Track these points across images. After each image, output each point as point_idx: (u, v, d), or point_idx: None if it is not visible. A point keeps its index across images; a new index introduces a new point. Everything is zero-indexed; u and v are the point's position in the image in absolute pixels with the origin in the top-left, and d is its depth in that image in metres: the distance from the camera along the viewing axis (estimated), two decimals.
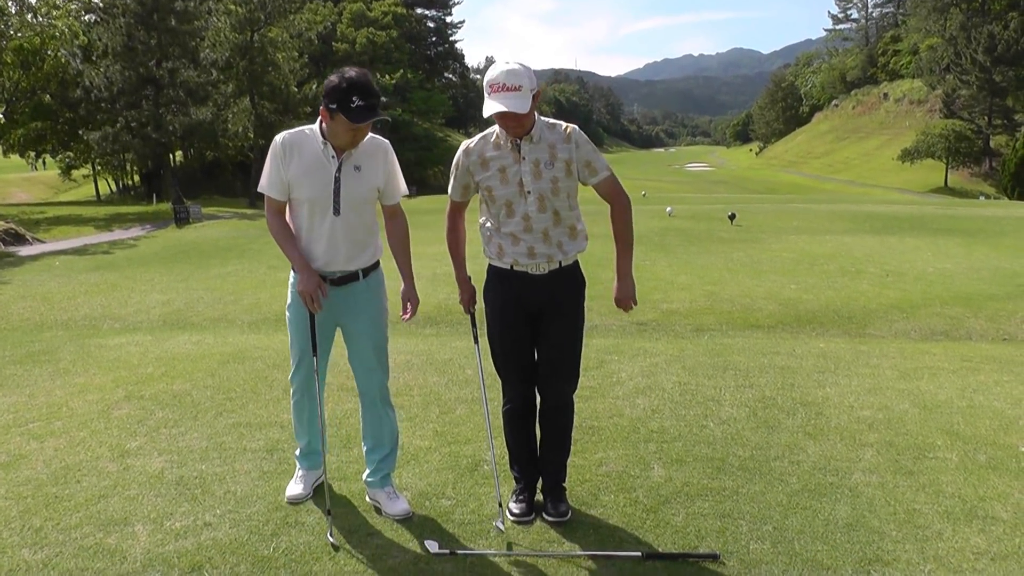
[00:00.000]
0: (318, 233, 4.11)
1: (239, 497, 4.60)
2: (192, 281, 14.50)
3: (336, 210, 4.06)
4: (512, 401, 4.35)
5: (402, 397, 6.40)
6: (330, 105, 3.90)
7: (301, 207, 4.11)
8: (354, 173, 4.07)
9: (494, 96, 3.79)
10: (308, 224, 4.13)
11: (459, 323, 10.04)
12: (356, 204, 4.10)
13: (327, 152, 4.04)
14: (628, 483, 4.71)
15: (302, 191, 4.06)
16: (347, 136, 3.97)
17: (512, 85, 3.78)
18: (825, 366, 7.35)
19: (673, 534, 4.13)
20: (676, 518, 4.29)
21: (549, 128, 4.01)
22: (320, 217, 4.08)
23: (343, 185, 4.05)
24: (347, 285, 4.22)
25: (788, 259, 15.59)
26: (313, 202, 4.06)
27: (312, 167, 4.04)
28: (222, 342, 8.81)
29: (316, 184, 4.04)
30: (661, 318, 10.25)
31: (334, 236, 4.10)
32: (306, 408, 4.54)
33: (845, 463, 5.01)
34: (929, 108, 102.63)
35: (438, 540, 4.07)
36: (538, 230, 4.03)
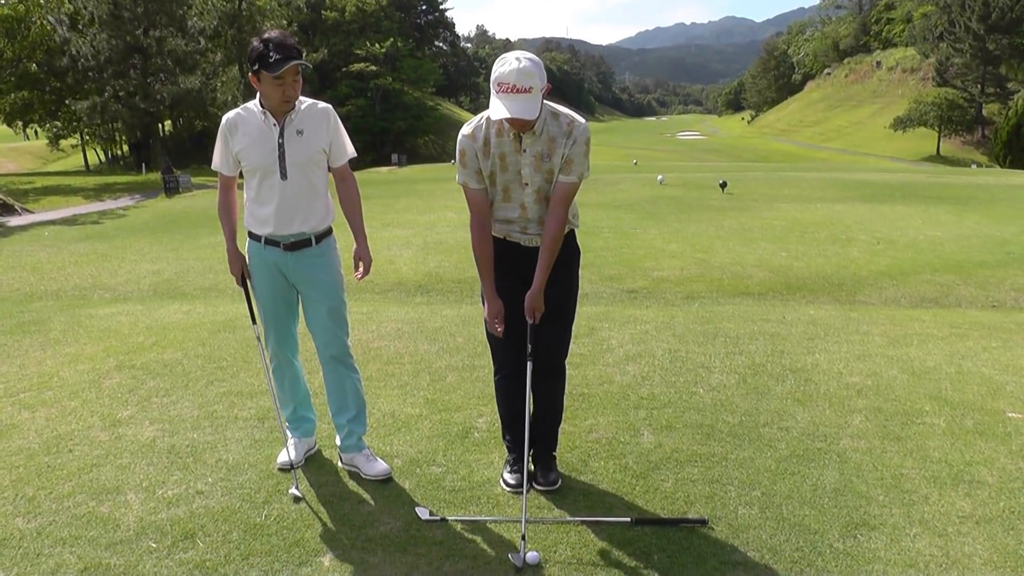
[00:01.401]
0: (267, 197, 4.20)
1: (231, 465, 4.62)
2: (182, 251, 14.45)
3: (283, 174, 4.14)
4: (504, 368, 4.35)
5: (393, 365, 6.41)
6: (253, 68, 4.01)
7: (252, 176, 4.22)
8: (297, 137, 4.15)
9: (503, 97, 3.62)
10: (258, 190, 4.22)
11: (449, 291, 10.05)
12: (302, 167, 4.17)
13: (268, 121, 4.14)
14: (618, 449, 4.74)
15: (249, 160, 4.17)
16: (276, 93, 4.03)
17: (523, 87, 3.60)
18: (815, 333, 7.38)
19: (662, 500, 4.16)
20: (665, 484, 4.32)
21: (553, 119, 3.85)
22: (269, 182, 4.17)
23: (287, 150, 4.13)
24: (300, 250, 4.27)
25: (779, 227, 15.59)
26: (261, 169, 4.16)
27: (256, 138, 4.15)
28: (213, 311, 8.79)
29: (261, 152, 4.14)
30: (651, 286, 10.26)
31: (284, 199, 4.18)
32: (285, 374, 4.60)
33: (833, 429, 5.04)
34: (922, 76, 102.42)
35: (428, 507, 4.10)
36: (533, 218, 3.99)
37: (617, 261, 11.83)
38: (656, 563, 3.61)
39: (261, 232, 4.25)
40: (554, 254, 3.94)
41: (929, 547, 3.71)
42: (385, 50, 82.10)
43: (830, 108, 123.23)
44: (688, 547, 3.72)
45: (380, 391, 5.77)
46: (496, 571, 3.57)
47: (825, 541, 3.77)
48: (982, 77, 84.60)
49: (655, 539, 3.79)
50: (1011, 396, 5.64)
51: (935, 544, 3.74)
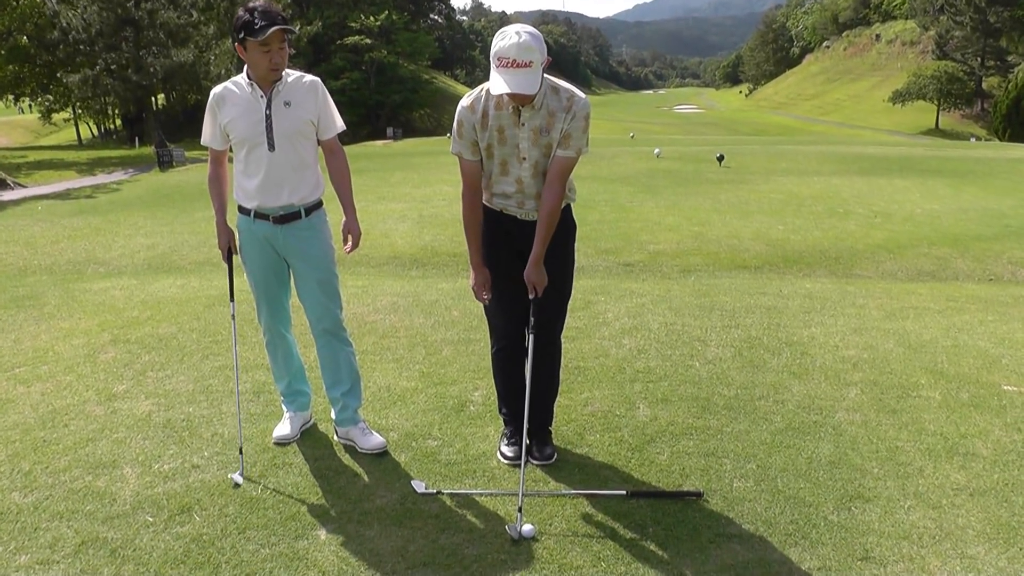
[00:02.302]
0: (254, 169, 4.18)
1: (226, 439, 4.63)
2: (176, 225, 14.41)
3: (271, 145, 4.13)
4: (503, 340, 4.35)
5: (388, 339, 6.41)
6: (239, 37, 4.00)
7: (240, 148, 4.20)
8: (284, 109, 4.13)
9: (502, 72, 3.59)
10: (246, 162, 4.21)
11: (445, 265, 10.05)
12: (290, 138, 4.15)
13: (255, 93, 4.12)
14: (614, 422, 4.76)
15: (237, 132, 4.15)
16: (263, 61, 4.02)
17: (523, 61, 3.56)
18: (811, 306, 7.39)
19: (658, 473, 4.18)
20: (661, 457, 4.34)
21: (552, 93, 3.81)
22: (256, 154, 4.16)
23: (274, 121, 4.12)
24: (290, 223, 4.25)
25: (776, 200, 15.58)
26: (248, 141, 4.15)
27: (243, 110, 4.13)
28: (207, 285, 8.78)
29: (248, 123, 4.13)
30: (648, 259, 10.26)
31: (271, 171, 4.16)
32: (279, 348, 4.60)
33: (829, 402, 5.06)
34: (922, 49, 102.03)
35: (424, 480, 4.11)
36: (530, 193, 3.98)
37: (613, 234, 11.82)
38: (651, 535, 3.64)
39: (250, 205, 4.24)
40: (551, 228, 3.93)
41: (923, 519, 3.74)
42: (380, 23, 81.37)
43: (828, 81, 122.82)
44: (683, 520, 3.75)
45: (375, 365, 5.78)
46: (492, 544, 3.59)
47: (820, 514, 3.79)
48: (982, 50, 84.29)
49: (650, 512, 3.81)
50: (1007, 369, 5.67)
51: (929, 516, 3.77)
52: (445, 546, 3.58)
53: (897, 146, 39.17)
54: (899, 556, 3.48)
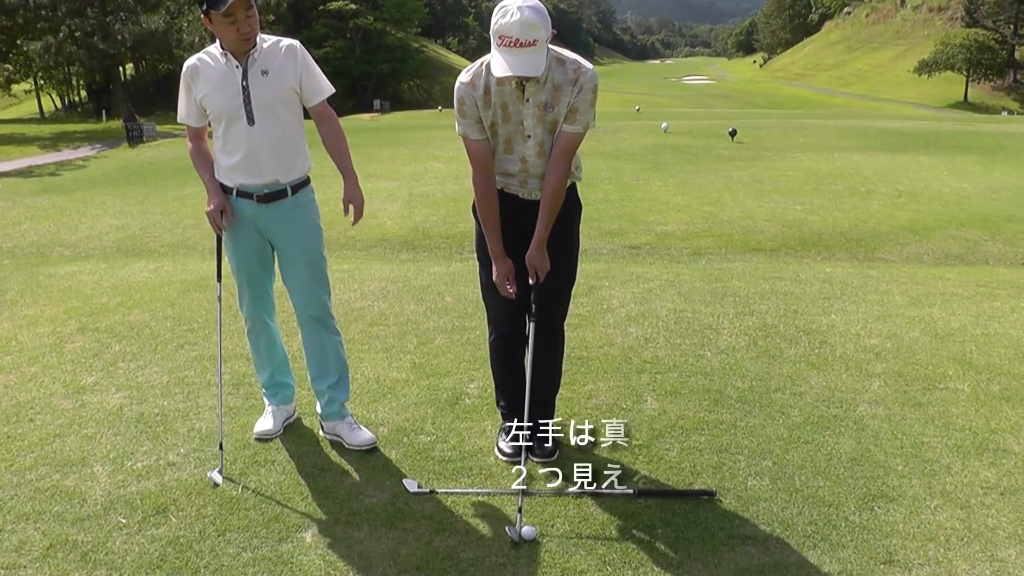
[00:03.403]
0: (234, 145, 4.15)
1: (204, 435, 4.63)
2: (148, 204, 14.38)
3: (250, 119, 4.09)
4: (501, 328, 4.34)
5: (377, 327, 6.41)
6: (203, 9, 3.97)
7: (219, 124, 4.17)
8: (261, 78, 4.09)
9: (504, 51, 3.54)
10: (225, 138, 4.18)
11: (437, 247, 10.03)
12: (270, 109, 4.11)
13: (230, 64, 4.08)
14: (619, 416, 4.76)
15: (213, 106, 4.12)
16: (230, 33, 3.97)
17: (527, 40, 3.51)
18: (831, 292, 7.40)
19: (667, 470, 4.19)
20: (670, 453, 4.34)
21: (558, 65, 3.77)
22: (235, 129, 4.13)
23: (252, 92, 4.08)
24: (275, 203, 4.23)
25: (793, 178, 15.57)
26: (226, 115, 4.11)
27: (218, 82, 4.09)
28: (182, 269, 8.77)
29: (224, 97, 4.09)
30: (655, 241, 10.27)
31: (252, 146, 4.13)
32: (261, 337, 4.58)
33: (850, 395, 5.07)
34: (950, 16, 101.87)
35: (417, 479, 4.12)
36: (534, 173, 3.96)
37: (618, 215, 11.82)
38: (660, 537, 3.65)
39: (232, 184, 4.21)
40: (556, 209, 3.92)
41: (951, 520, 3.75)
42: None
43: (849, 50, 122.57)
44: (694, 520, 3.76)
45: (363, 355, 5.78)
46: (490, 546, 3.60)
47: (840, 514, 3.80)
48: (1015, 16, 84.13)
49: (659, 512, 3.82)
50: None
51: (957, 517, 3.78)
52: (439, 549, 3.58)
53: (923, 120, 39.15)
54: (925, 559, 3.49)
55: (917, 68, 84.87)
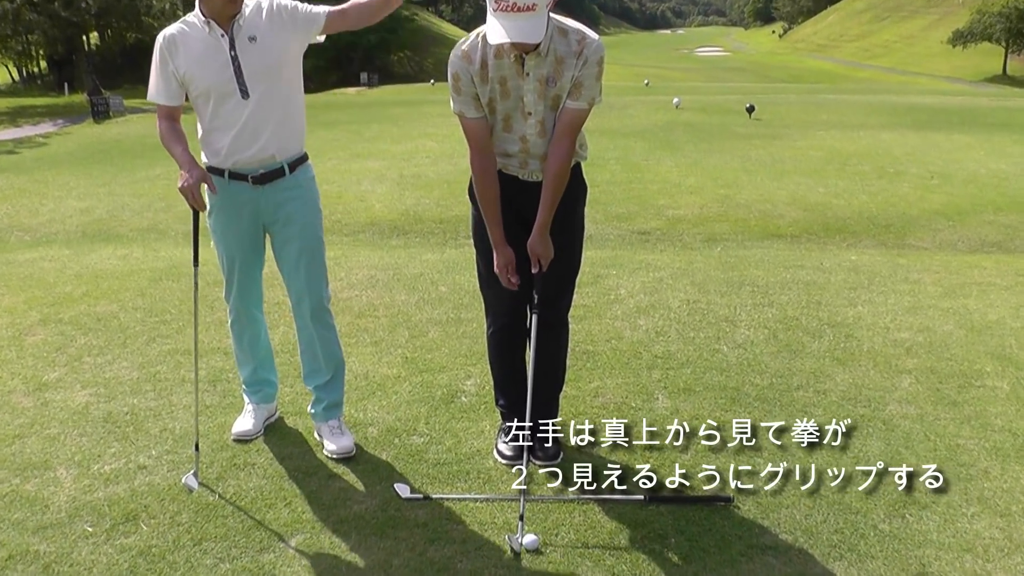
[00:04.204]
0: (227, 122, 4.05)
1: (178, 435, 4.63)
2: (115, 185, 14.36)
3: (243, 92, 3.99)
4: (500, 320, 4.33)
5: (365, 319, 6.41)
6: None
7: (206, 102, 4.05)
8: (250, 46, 3.97)
9: (500, 16, 3.50)
10: (213, 117, 4.07)
11: (430, 233, 10.02)
12: (265, 79, 4.01)
13: (214, 32, 3.96)
14: (629, 416, 4.76)
15: (200, 82, 4.00)
16: None
17: (525, 4, 3.47)
18: (857, 281, 7.40)
19: (681, 475, 4.17)
20: (684, 456, 4.33)
21: (561, 36, 3.73)
22: (228, 105, 4.02)
23: (243, 61, 3.97)
24: (272, 183, 4.16)
25: (815, 158, 15.57)
26: (215, 91, 4.00)
27: (203, 55, 3.97)
28: (153, 256, 8.77)
29: (211, 70, 3.97)
30: (666, 226, 10.26)
31: (248, 122, 4.03)
32: (246, 329, 4.56)
33: (878, 393, 5.08)
34: None
35: (409, 483, 4.11)
36: (535, 153, 3.94)
37: (626, 198, 11.81)
38: (673, 547, 3.65)
39: (223, 165, 4.12)
40: (559, 191, 3.90)
41: (989, 528, 3.75)
42: None
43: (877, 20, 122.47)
44: (710, 528, 3.76)
45: (351, 349, 5.77)
46: (489, 557, 3.60)
47: (868, 522, 3.80)
48: None
49: (672, 520, 3.82)
50: None
51: (996, 525, 3.78)
52: (434, 560, 3.58)
53: (958, 95, 39.13)
54: (961, 571, 3.49)
55: (951, 39, 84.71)
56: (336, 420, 4.53)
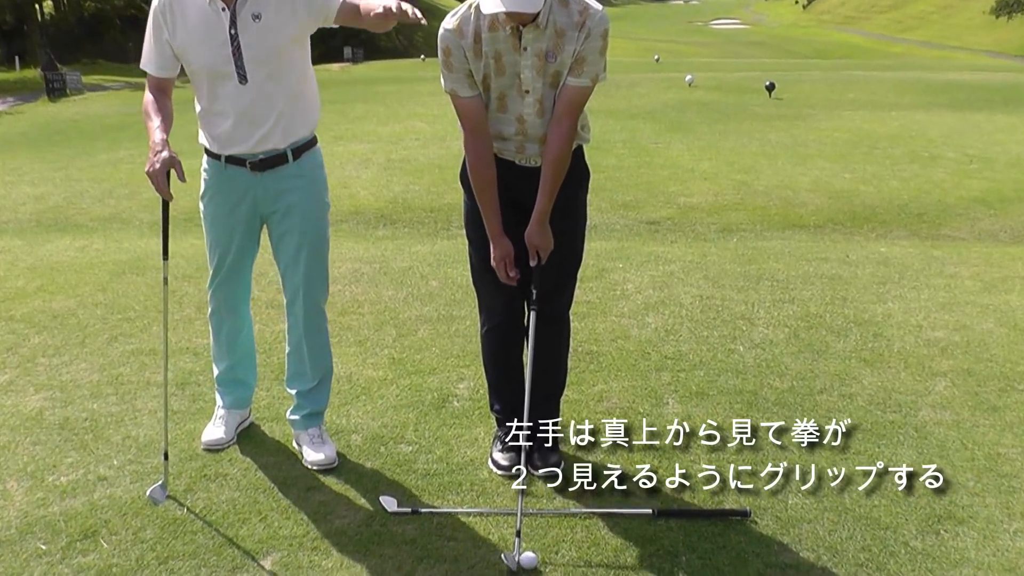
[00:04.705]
0: (224, 107, 4.03)
1: (142, 443, 4.62)
2: (73, 170, 14.33)
3: (242, 76, 3.94)
4: (496, 318, 4.33)
5: (349, 316, 6.41)
6: None
7: (200, 82, 4.04)
8: (253, 24, 3.90)
9: None
10: (210, 98, 4.05)
11: (420, 222, 10.02)
12: (268, 63, 3.96)
13: (215, 5, 3.89)
14: (636, 422, 4.75)
15: (194, 59, 3.97)
16: None
17: None
18: (887, 276, 7.41)
19: (692, 486, 4.17)
20: (696, 465, 4.34)
21: (561, 6, 3.72)
22: (224, 89, 3.99)
23: (243, 42, 3.90)
24: (273, 170, 4.14)
25: (842, 141, 15.56)
26: (210, 71, 3.97)
27: (200, 28, 3.91)
28: (115, 248, 8.76)
29: (208, 48, 3.93)
30: (678, 215, 10.27)
31: (248, 110, 4.00)
32: (224, 324, 4.54)
33: (910, 397, 5.08)
34: None
35: (396, 496, 4.11)
36: (533, 135, 3.94)
37: (634, 184, 11.81)
38: (684, 565, 3.66)
39: (222, 152, 4.11)
40: (559, 177, 3.91)
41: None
42: None
43: None
44: (724, 545, 3.77)
45: (334, 349, 5.73)
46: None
47: (899, 538, 3.81)
48: None
49: (683, 536, 3.83)
50: None
51: None
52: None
53: (1000, 71, 39.12)
54: None
55: (994, 9, 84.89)
56: (317, 428, 4.53)
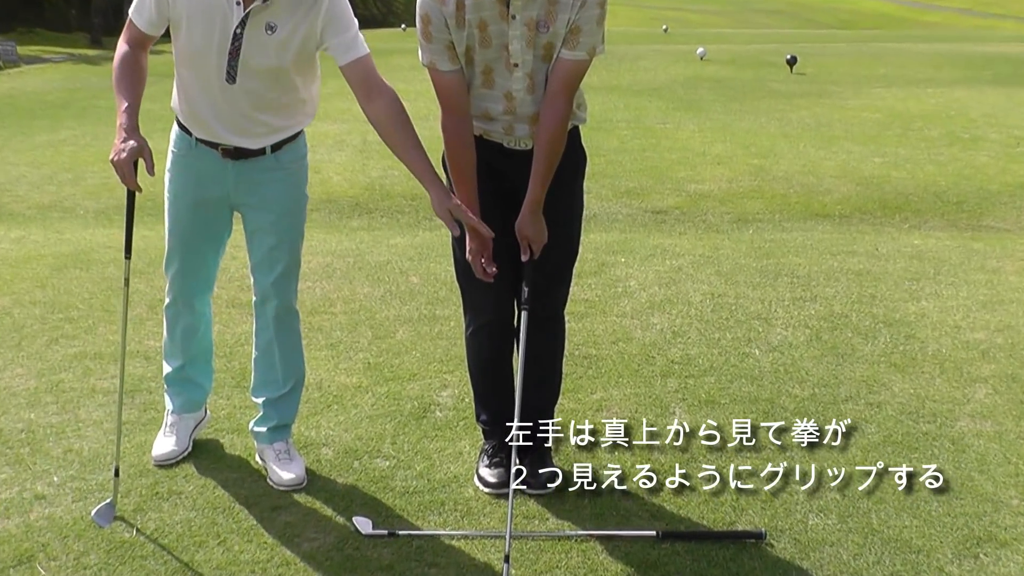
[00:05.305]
0: (203, 98, 4.02)
1: (86, 458, 4.60)
2: (8, 152, 14.29)
3: (230, 76, 3.93)
4: (483, 318, 4.33)
5: (320, 316, 6.41)
6: None
7: (184, 63, 4.02)
8: (264, 34, 3.87)
9: None
10: (191, 82, 4.04)
11: (399, 211, 10.04)
12: (262, 74, 3.96)
13: None
14: (639, 433, 4.76)
15: (188, 38, 3.93)
16: None
17: None
18: (921, 271, 7.43)
19: (700, 505, 4.20)
20: (705, 483, 4.34)
21: None
22: (206, 80, 3.98)
23: (245, 46, 3.87)
24: (247, 160, 4.13)
25: (871, 121, 15.59)
26: (200, 58, 3.94)
27: (206, 8, 3.85)
28: (56, 239, 8.74)
29: (206, 33, 3.88)
30: (687, 204, 10.28)
31: (226, 107, 4.00)
32: (181, 319, 4.53)
33: (947, 405, 5.09)
34: None
35: (371, 517, 4.11)
36: (523, 115, 3.94)
37: (638, 169, 11.83)
38: None
39: (193, 132, 4.10)
40: (553, 162, 3.91)
41: None
42: None
43: None
44: (737, 571, 3.77)
45: (304, 352, 5.76)
46: None
47: (933, 563, 3.81)
48: None
49: (690, 561, 3.83)
50: None
51: None
52: None
53: None
54: None
55: None
56: (284, 442, 4.50)
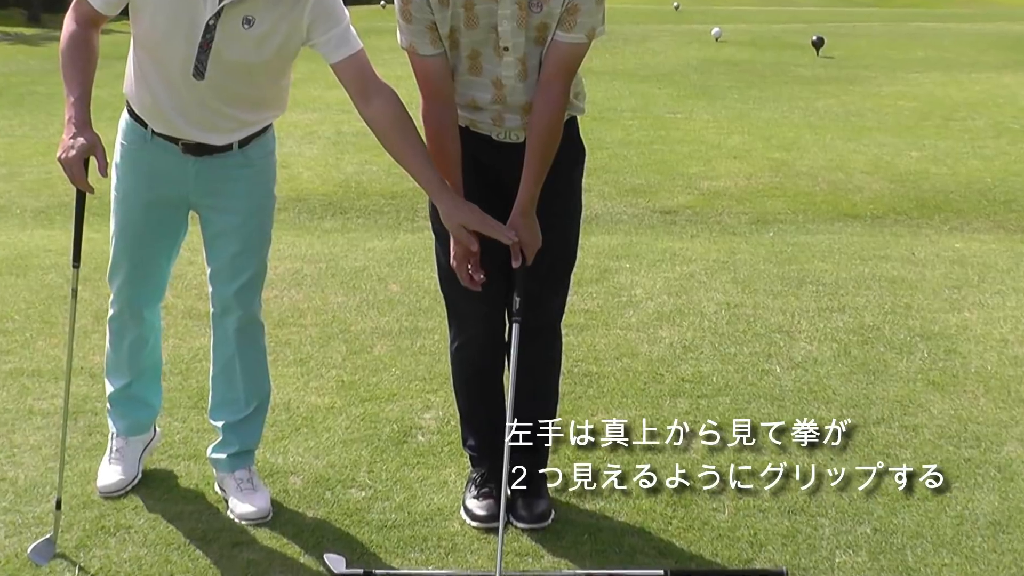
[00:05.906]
0: (163, 93, 4.00)
1: (21, 488, 4.59)
2: None
3: (199, 72, 3.89)
4: (470, 331, 4.32)
5: (288, 328, 6.41)
6: None
7: (144, 46, 3.99)
8: (239, 28, 3.83)
9: None
10: (148, 75, 4.02)
11: (378, 211, 10.03)
12: (235, 71, 3.94)
13: None
14: (643, 456, 4.75)
15: (151, 23, 3.89)
16: None
17: None
18: (963, 278, 7.44)
19: (714, 540, 4.20)
20: (719, 515, 4.34)
21: None
22: (168, 71, 3.95)
23: (218, 40, 3.84)
24: (211, 156, 4.12)
25: (907, 110, 15.61)
26: (164, 47, 3.92)
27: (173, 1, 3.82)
28: None
29: (173, 19, 3.84)
30: (700, 203, 10.28)
31: (195, 102, 3.98)
32: (129, 331, 4.50)
33: (992, 428, 5.10)
34: None
35: (344, 553, 4.10)
36: (514, 104, 3.94)
37: (645, 164, 11.85)
38: None
39: (150, 125, 4.08)
40: (548, 156, 3.91)
41: None
42: None
43: None
44: None
45: (269, 368, 5.76)
46: None
47: None
48: None
49: None
50: None
51: None
52: None
53: None
54: None
55: None
56: (246, 470, 4.47)
